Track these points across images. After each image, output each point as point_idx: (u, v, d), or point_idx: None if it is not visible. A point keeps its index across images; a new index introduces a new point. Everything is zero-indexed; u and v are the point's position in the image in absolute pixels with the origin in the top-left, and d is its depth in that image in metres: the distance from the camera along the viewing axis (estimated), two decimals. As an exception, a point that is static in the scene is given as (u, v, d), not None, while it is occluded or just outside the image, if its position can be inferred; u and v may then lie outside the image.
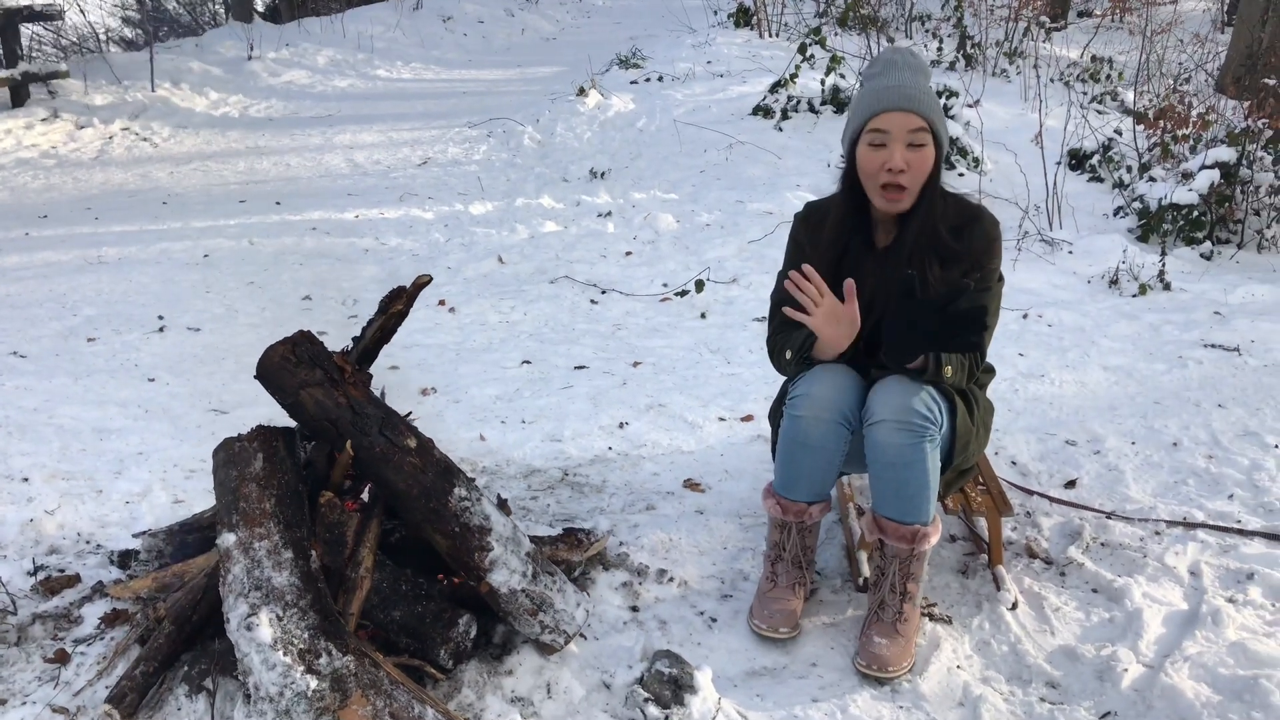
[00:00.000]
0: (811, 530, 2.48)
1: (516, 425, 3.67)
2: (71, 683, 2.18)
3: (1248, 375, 3.90)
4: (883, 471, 2.30)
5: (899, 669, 2.29)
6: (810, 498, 2.44)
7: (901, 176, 2.27)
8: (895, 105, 2.24)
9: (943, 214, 2.36)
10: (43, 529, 2.84)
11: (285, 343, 2.24)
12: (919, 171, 2.28)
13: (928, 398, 2.26)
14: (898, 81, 2.26)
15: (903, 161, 2.25)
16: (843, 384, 2.35)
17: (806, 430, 2.35)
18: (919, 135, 2.25)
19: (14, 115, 8.55)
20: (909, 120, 2.24)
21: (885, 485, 2.32)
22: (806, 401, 2.34)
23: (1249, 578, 2.61)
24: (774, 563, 2.49)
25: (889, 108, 2.25)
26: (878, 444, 2.27)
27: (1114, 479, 3.16)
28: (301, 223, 6.42)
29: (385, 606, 2.20)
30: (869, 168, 2.30)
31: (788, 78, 7.81)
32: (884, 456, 2.28)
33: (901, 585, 2.34)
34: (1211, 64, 9.34)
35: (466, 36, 13.36)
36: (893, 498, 2.31)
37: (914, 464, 2.26)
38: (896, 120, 2.25)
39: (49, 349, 4.37)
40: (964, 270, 2.34)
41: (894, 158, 2.25)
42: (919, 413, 2.24)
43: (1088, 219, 5.89)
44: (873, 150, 2.28)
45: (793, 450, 2.40)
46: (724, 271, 5.30)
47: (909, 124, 2.24)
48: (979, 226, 2.37)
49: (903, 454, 2.26)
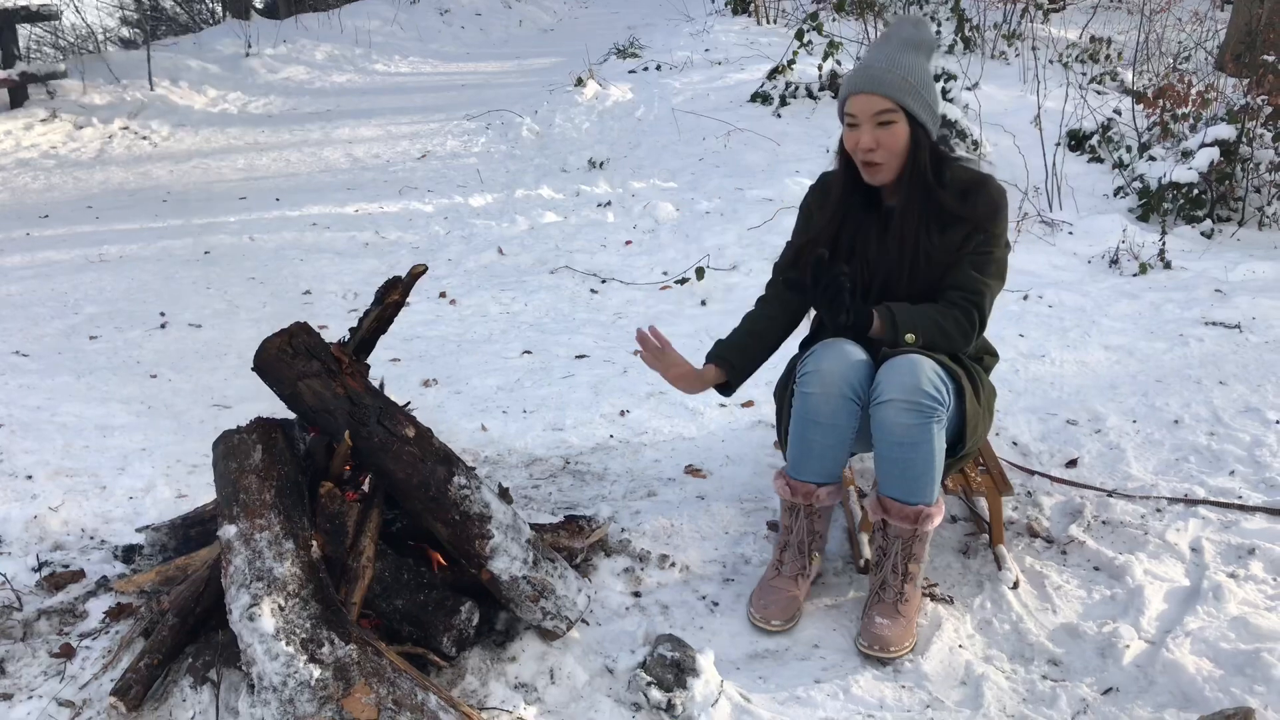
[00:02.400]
0: (821, 516, 2.48)
1: (518, 415, 3.68)
2: (77, 676, 2.20)
3: (1249, 352, 3.89)
4: (889, 451, 2.31)
5: (901, 649, 2.30)
6: (819, 478, 2.44)
7: (872, 154, 2.37)
8: (860, 89, 2.36)
9: (950, 180, 2.43)
10: (47, 525, 2.86)
11: (282, 334, 2.25)
12: (890, 148, 2.37)
13: (936, 378, 2.27)
14: (870, 61, 2.37)
15: (871, 141, 2.36)
16: (852, 359, 2.36)
17: (817, 407, 2.36)
18: (885, 115, 2.34)
19: (13, 116, 8.56)
20: (873, 102, 2.34)
21: (891, 465, 2.32)
22: (816, 378, 2.36)
23: (1250, 553, 2.61)
24: (782, 549, 2.49)
25: (855, 91, 2.37)
26: (885, 423, 2.29)
27: (1115, 457, 3.17)
28: (301, 218, 6.43)
29: (387, 595, 2.21)
30: (848, 146, 2.43)
31: (785, 64, 7.80)
32: (891, 436, 2.29)
33: (903, 566, 2.35)
34: (1211, 42, 9.30)
35: (464, 29, 13.35)
36: (899, 478, 2.32)
37: (921, 444, 2.27)
38: (862, 103, 2.36)
39: (51, 347, 4.39)
40: (966, 234, 2.41)
41: (862, 138, 2.37)
42: (927, 393, 2.25)
43: (1087, 199, 5.87)
44: (849, 130, 2.41)
45: (804, 428, 2.41)
46: (724, 259, 5.30)
47: (873, 106, 2.34)
48: (984, 192, 2.42)
49: (910, 434, 2.27)
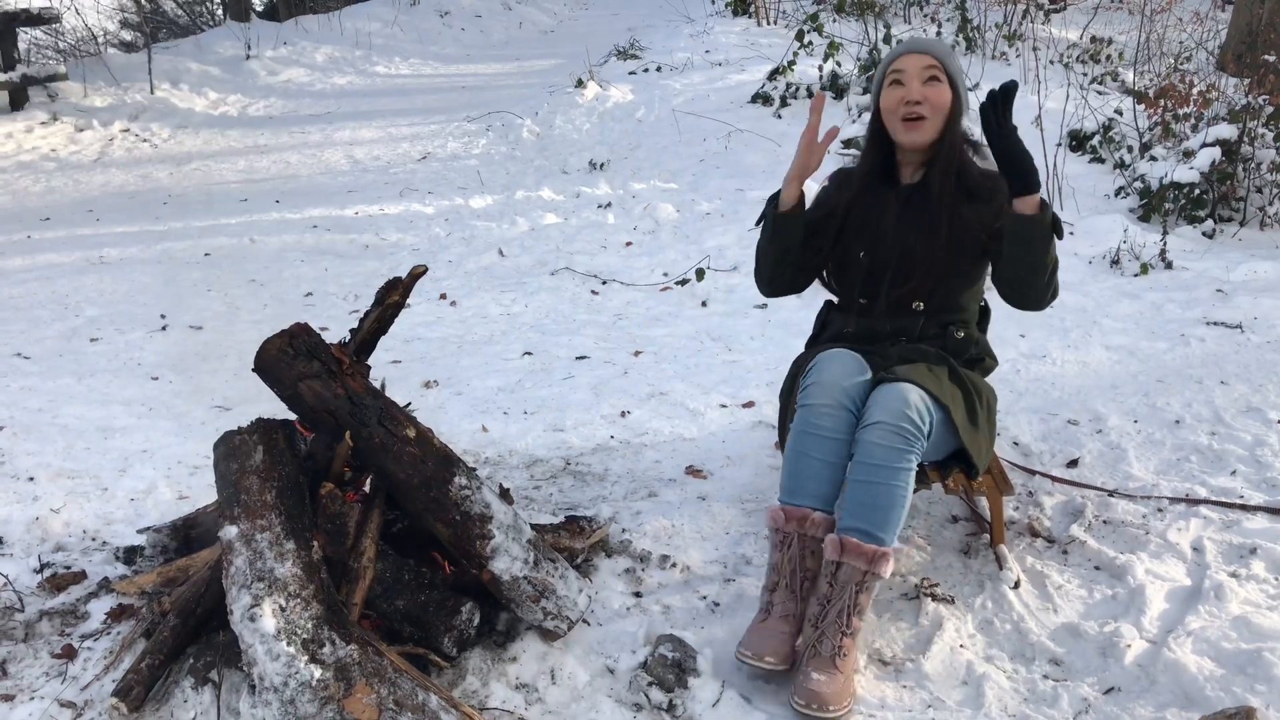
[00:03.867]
0: (814, 552, 2.31)
1: (519, 416, 3.68)
2: (79, 677, 2.20)
3: (1250, 352, 3.89)
4: (865, 474, 2.25)
5: (839, 707, 2.12)
6: (814, 502, 2.33)
7: (919, 108, 2.46)
8: (910, 49, 2.51)
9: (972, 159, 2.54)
10: (49, 527, 2.86)
11: (282, 335, 2.25)
12: (935, 104, 2.47)
13: (922, 406, 2.26)
14: (914, 37, 2.53)
15: (919, 94, 2.46)
16: (851, 372, 2.36)
17: (818, 420, 2.33)
18: (933, 71, 2.46)
19: (14, 119, 8.58)
20: (922, 60, 2.47)
21: (863, 492, 2.25)
22: (817, 389, 2.35)
23: (1252, 552, 2.61)
24: (771, 590, 2.32)
25: (905, 51, 2.51)
26: (868, 444, 2.26)
27: (1116, 457, 3.16)
28: (302, 220, 6.43)
29: (388, 596, 2.21)
30: (890, 105, 2.50)
31: (786, 65, 7.80)
32: (870, 458, 2.25)
33: (847, 619, 2.21)
34: (1212, 42, 9.30)
35: (464, 31, 13.36)
36: (867, 508, 2.23)
37: (897, 473, 2.23)
38: (911, 61, 2.48)
39: (52, 350, 4.39)
40: (996, 210, 2.45)
41: (911, 91, 2.46)
42: (911, 419, 2.24)
43: (1088, 200, 5.87)
44: (892, 89, 2.50)
45: (803, 440, 2.35)
46: (724, 260, 5.30)
47: (922, 63, 2.47)
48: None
49: (890, 457, 2.23)
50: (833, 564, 2.24)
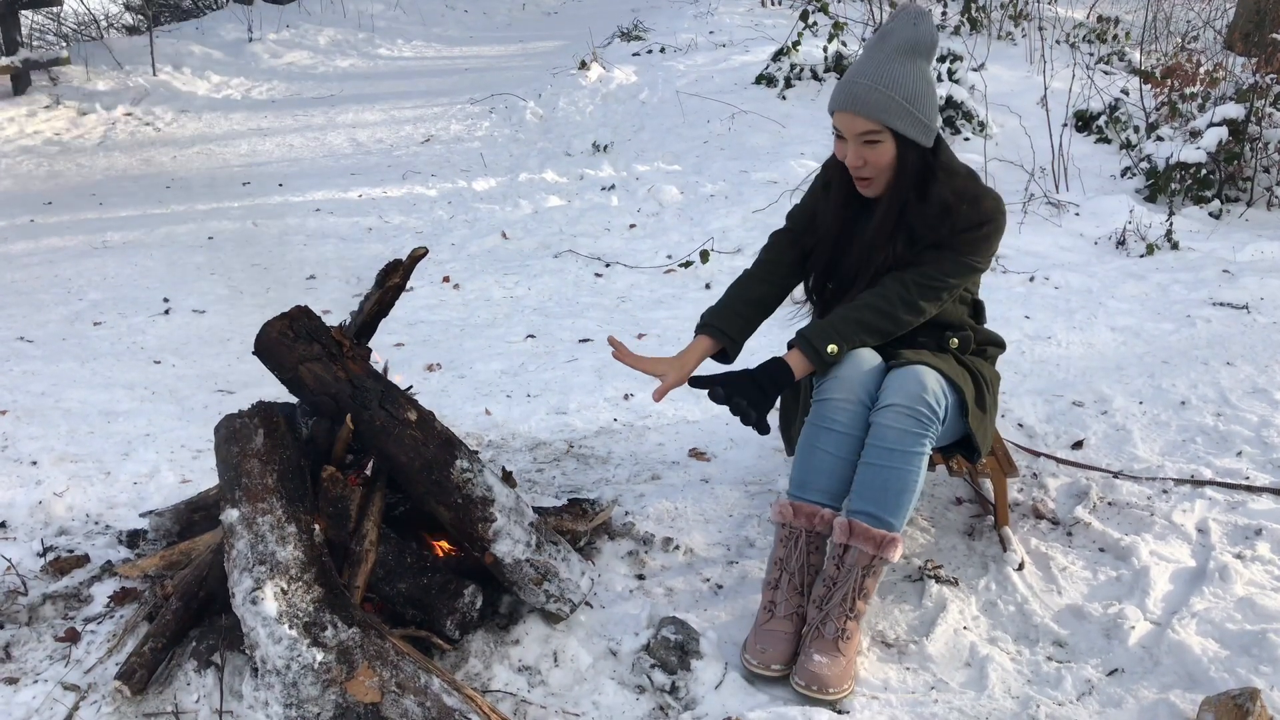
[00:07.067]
0: (818, 549, 2.30)
1: (522, 399, 3.67)
2: (82, 660, 2.20)
3: (1257, 333, 3.87)
4: (877, 458, 2.23)
5: (840, 690, 2.12)
6: (824, 498, 2.30)
7: (860, 171, 2.32)
8: (843, 107, 2.27)
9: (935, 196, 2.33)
10: (52, 511, 2.86)
11: (283, 318, 2.24)
12: (876, 165, 2.31)
13: (939, 390, 2.23)
14: (856, 75, 2.26)
15: (857, 159, 2.30)
16: (868, 364, 2.32)
17: (833, 414, 2.29)
18: (870, 135, 2.27)
19: (16, 103, 8.55)
20: (856, 123, 2.26)
21: (874, 475, 2.23)
22: (833, 384, 2.31)
23: (1257, 534, 2.60)
24: (773, 588, 2.29)
25: (839, 108, 2.28)
26: (881, 427, 2.23)
27: (1121, 439, 3.15)
28: (305, 203, 6.42)
29: (391, 579, 2.21)
30: (837, 156, 2.37)
31: (790, 45, 7.75)
32: (884, 441, 2.22)
33: (852, 602, 2.20)
34: (1219, 21, 9.22)
35: (467, 13, 13.28)
36: (877, 491, 2.22)
37: (910, 458, 2.21)
38: (846, 121, 2.28)
39: (55, 334, 4.39)
40: (937, 243, 2.34)
41: (849, 156, 2.31)
42: (928, 402, 2.21)
43: (1094, 180, 5.84)
44: (837, 141, 2.34)
45: (816, 435, 2.31)
46: (728, 241, 5.28)
47: (857, 127, 2.26)
48: (973, 208, 2.33)
49: (904, 441, 2.21)
50: (840, 546, 2.23)
